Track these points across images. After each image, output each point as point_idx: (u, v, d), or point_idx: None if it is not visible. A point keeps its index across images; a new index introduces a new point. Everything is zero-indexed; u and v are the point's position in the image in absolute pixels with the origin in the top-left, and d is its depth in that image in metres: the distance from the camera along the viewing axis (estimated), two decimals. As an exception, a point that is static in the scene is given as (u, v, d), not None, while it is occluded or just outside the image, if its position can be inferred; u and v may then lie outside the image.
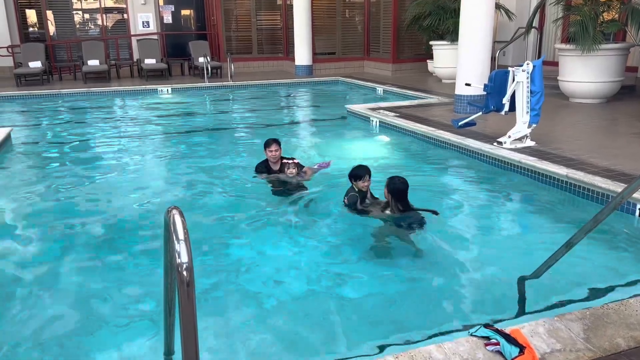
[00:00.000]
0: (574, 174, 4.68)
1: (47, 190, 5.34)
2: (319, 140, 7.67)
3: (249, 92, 12.42)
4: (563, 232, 3.76)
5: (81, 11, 15.30)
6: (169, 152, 7.11)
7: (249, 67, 15.34)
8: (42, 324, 2.94)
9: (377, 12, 14.41)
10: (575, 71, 8.35)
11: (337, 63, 14.97)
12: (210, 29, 15.77)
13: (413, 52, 13.98)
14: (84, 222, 4.41)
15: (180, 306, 1.55)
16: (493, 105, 5.96)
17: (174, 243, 1.58)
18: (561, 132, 6.51)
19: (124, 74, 14.28)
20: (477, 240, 4.13)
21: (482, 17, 7.69)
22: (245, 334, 2.82)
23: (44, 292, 3.31)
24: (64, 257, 3.80)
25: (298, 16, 13.99)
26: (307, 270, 3.56)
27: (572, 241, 2.81)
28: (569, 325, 2.48)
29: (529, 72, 5.51)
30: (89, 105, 10.76)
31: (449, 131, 6.57)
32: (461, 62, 8.02)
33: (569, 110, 8.08)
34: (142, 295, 3.23)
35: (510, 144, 5.71)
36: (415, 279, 3.43)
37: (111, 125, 8.88)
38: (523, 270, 3.27)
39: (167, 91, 12.01)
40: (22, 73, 12.49)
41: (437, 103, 9.15)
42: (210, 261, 3.66)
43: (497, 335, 2.36)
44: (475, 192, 5.16)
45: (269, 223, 4.36)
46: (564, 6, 9.06)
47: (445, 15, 11.52)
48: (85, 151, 7.11)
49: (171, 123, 9.14)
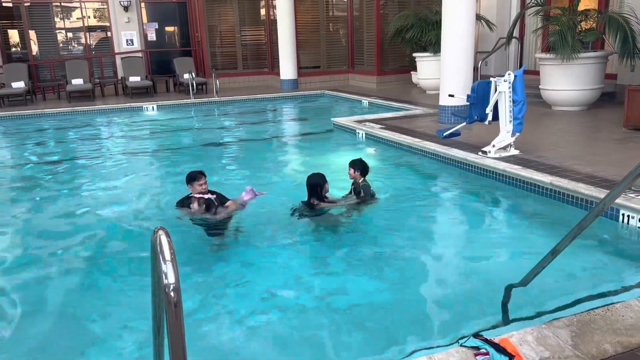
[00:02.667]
0: (558, 181, 4.75)
1: (31, 212, 5.28)
2: (306, 154, 7.69)
3: (235, 107, 12.44)
4: (549, 239, 3.80)
5: (64, 30, 15.26)
6: (156, 170, 7.08)
7: (235, 83, 15.38)
8: (31, 344, 2.90)
9: (361, 26, 14.57)
10: (556, 79, 8.49)
11: (322, 76, 15.08)
12: (195, 45, 15.81)
13: (397, 64, 14.14)
14: (69, 243, 4.36)
15: (169, 326, 1.54)
16: (477, 115, 6.04)
17: (161, 264, 1.57)
18: (544, 140, 6.60)
19: (109, 92, 14.23)
20: (464, 249, 4.16)
21: (463, 29, 7.81)
22: (234, 351, 2.80)
23: (31, 312, 3.27)
24: (50, 277, 3.76)
25: (282, 31, 14.09)
26: (293, 284, 3.57)
27: (557, 248, 2.84)
28: (556, 333, 2.50)
29: (510, 82, 5.60)
30: (73, 124, 10.70)
31: (435, 142, 6.64)
32: (444, 73, 8.13)
33: (551, 118, 8.20)
34: (131, 315, 3.20)
35: (494, 153, 5.78)
36: (402, 289, 3.44)
37: (96, 145, 8.83)
38: (510, 278, 3.29)
39: (152, 108, 11.98)
40: (5, 94, 12.40)
41: (422, 114, 9.24)
42: (198, 279, 3.64)
43: (486, 345, 2.37)
44: (461, 202, 5.20)
45: (252, 240, 4.35)
46: (543, 16, 9.24)
47: (427, 27, 11.69)
48: (70, 171, 7.05)
49: (158, 140, 9.12)
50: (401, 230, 4.40)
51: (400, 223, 4.59)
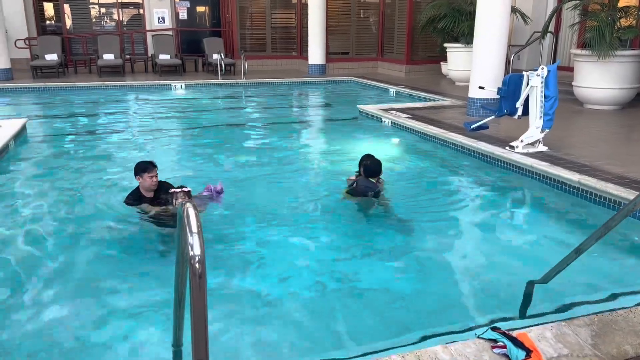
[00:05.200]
0: (586, 180, 4.66)
1: (60, 181, 5.40)
2: (330, 140, 7.68)
3: (262, 89, 12.47)
4: (573, 238, 3.75)
5: (98, 5, 15.44)
6: (182, 147, 7.17)
7: (262, 65, 15.39)
8: (54, 312, 2.98)
9: (392, 13, 14.39)
10: (591, 77, 8.28)
11: (350, 63, 14.98)
12: (225, 26, 15.84)
13: (427, 54, 13.95)
14: (94, 213, 4.46)
15: (192, 298, 1.57)
16: (506, 109, 5.94)
17: (187, 236, 1.60)
18: (574, 138, 6.47)
19: (138, 69, 14.40)
20: (485, 243, 4.13)
21: (497, 21, 7.66)
22: (251, 328, 2.84)
23: (56, 281, 3.36)
24: (76, 248, 3.85)
25: (312, 15, 14.01)
26: (315, 267, 3.59)
27: (582, 247, 2.80)
28: (576, 331, 2.48)
29: (543, 77, 5.49)
30: (103, 98, 10.87)
31: (461, 134, 6.56)
32: (475, 65, 8.00)
33: (583, 116, 8.02)
34: (153, 288, 3.27)
35: (522, 149, 5.69)
36: (422, 278, 3.44)
37: (125, 119, 8.96)
38: (532, 274, 3.26)
39: (180, 87, 12.09)
40: (38, 65, 12.64)
41: (450, 105, 9.13)
42: (220, 255, 3.70)
43: (504, 338, 2.36)
44: (485, 196, 5.14)
45: (276, 220, 4.39)
46: (581, 11, 8.99)
47: (460, 17, 11.49)
48: (98, 143, 7.18)
49: (184, 118, 9.20)
50: (422, 221, 4.37)
51: (421, 213, 4.56)
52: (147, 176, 4.13)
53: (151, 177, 4.14)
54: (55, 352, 2.64)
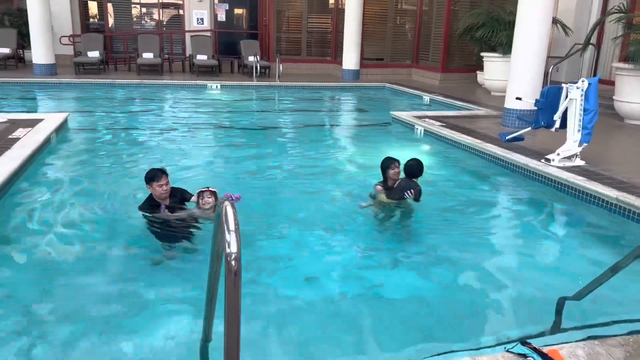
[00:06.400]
0: (624, 197, 4.54)
1: (99, 174, 5.56)
2: (361, 145, 7.68)
3: (295, 92, 12.56)
4: (609, 256, 3.66)
5: (139, 5, 15.85)
6: (213, 146, 7.29)
7: (297, 69, 15.50)
8: (89, 301, 3.08)
9: (429, 21, 14.32)
10: (633, 92, 8.06)
11: (384, 69, 14.95)
12: (262, 29, 16.03)
13: (463, 63, 13.83)
14: (131, 206, 4.56)
15: (227, 294, 1.61)
16: (544, 121, 5.84)
17: (225, 233, 1.64)
18: (613, 153, 6.31)
19: (176, 68, 14.69)
20: (517, 255, 4.06)
21: (537, 32, 7.53)
22: (276, 327, 2.87)
23: (92, 271, 3.46)
24: (112, 240, 3.96)
25: (349, 21, 14.05)
26: (342, 271, 3.60)
27: (618, 265, 2.73)
28: (610, 351, 2.42)
29: (583, 90, 5.37)
30: (141, 95, 11.13)
31: (496, 144, 6.47)
32: (513, 75, 7.89)
33: (623, 131, 7.82)
34: (184, 283, 3.34)
35: (558, 162, 5.58)
36: (453, 288, 3.41)
37: (162, 116, 9.16)
38: (564, 291, 3.20)
39: (216, 87, 12.28)
40: (81, 62, 13.04)
41: (485, 115, 9.02)
42: (249, 256, 3.74)
43: (534, 354, 2.33)
44: (519, 209, 5.06)
45: (304, 223, 4.41)
46: (625, 24, 8.77)
47: (499, 27, 11.35)
48: (136, 139, 7.37)
49: (218, 118, 9.35)
50: (453, 231, 4.34)
51: (452, 224, 4.52)
52: (156, 185, 3.95)
53: (160, 186, 3.94)
54: (92, 332, 2.73)
